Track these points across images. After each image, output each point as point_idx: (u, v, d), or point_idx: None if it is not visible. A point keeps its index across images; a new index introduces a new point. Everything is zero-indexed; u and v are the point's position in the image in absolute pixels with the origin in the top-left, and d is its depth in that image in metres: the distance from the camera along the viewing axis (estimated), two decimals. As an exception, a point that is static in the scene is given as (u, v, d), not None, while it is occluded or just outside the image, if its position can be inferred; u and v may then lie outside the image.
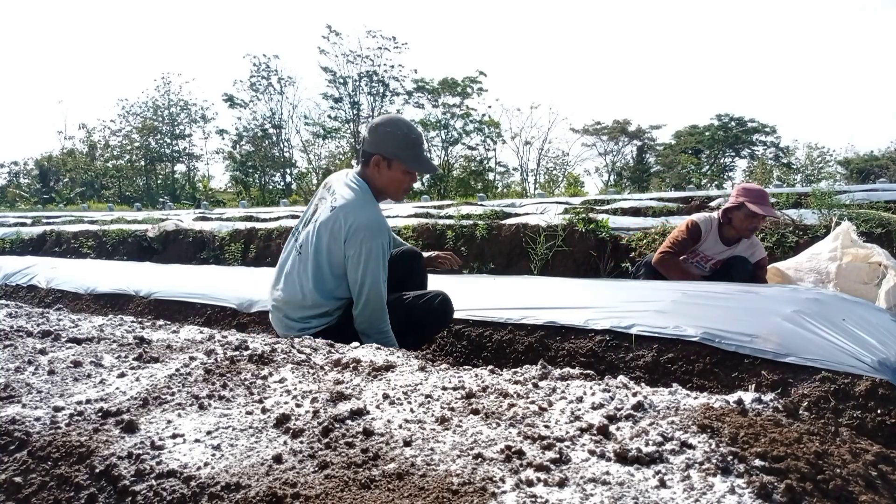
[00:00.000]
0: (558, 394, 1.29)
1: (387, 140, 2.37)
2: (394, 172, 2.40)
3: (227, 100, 39.71)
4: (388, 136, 2.37)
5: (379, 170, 2.40)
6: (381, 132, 2.38)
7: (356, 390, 1.39)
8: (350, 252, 2.26)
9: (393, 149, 2.37)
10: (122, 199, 36.49)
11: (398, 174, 2.41)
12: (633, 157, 42.88)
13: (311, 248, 2.34)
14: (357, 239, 2.25)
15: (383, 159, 2.38)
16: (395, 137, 2.37)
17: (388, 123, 2.41)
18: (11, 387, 1.45)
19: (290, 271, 2.43)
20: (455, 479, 0.94)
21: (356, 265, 2.26)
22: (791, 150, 38.21)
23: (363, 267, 2.25)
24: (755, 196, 3.46)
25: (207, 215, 13.33)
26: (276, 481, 0.96)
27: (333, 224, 2.30)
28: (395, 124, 2.41)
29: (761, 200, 3.45)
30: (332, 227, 2.30)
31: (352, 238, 2.25)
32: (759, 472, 0.89)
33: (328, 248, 2.31)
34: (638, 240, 5.17)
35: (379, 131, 2.38)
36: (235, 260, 7.27)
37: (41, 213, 18.83)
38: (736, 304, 2.40)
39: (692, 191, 15.29)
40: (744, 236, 3.58)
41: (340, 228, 2.27)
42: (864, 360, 1.91)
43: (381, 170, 2.40)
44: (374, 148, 2.38)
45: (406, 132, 2.40)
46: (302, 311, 2.37)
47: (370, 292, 2.27)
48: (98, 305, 4.09)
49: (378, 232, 2.27)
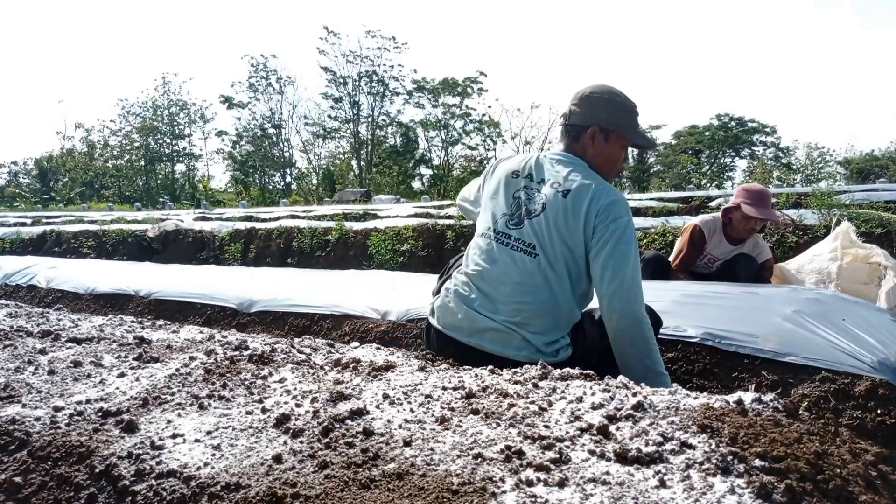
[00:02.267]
0: (558, 394, 1.29)
1: (603, 108, 2.02)
2: (612, 147, 2.03)
3: (225, 101, 39.77)
4: (604, 104, 2.02)
5: (594, 144, 2.02)
6: (594, 100, 2.02)
7: (356, 390, 1.39)
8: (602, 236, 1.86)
9: (611, 117, 2.01)
10: (122, 199, 36.51)
11: (616, 149, 2.04)
12: (632, 157, 42.88)
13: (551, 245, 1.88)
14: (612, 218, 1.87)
15: (600, 131, 2.01)
16: (613, 105, 2.02)
17: (601, 90, 2.05)
18: (11, 387, 1.45)
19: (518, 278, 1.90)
20: (455, 479, 0.94)
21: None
22: (791, 150, 38.26)
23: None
24: (754, 198, 3.44)
25: (207, 215, 13.34)
26: (276, 481, 0.96)
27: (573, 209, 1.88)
28: (610, 91, 2.06)
29: (760, 202, 3.43)
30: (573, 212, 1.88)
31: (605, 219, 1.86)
32: (759, 472, 0.89)
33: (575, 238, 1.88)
34: (638, 240, 5.17)
35: (593, 99, 2.02)
36: (235, 260, 7.27)
37: (41, 213, 18.83)
38: (736, 304, 2.40)
39: (692, 191, 15.30)
40: (743, 237, 3.58)
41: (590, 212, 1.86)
42: (864, 360, 1.90)
43: (596, 144, 2.02)
44: (589, 119, 2.00)
45: (623, 99, 2.05)
46: (555, 331, 1.90)
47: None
48: (98, 305, 4.09)
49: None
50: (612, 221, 1.85)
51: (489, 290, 1.92)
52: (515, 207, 1.98)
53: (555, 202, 1.90)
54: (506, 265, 1.91)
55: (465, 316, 1.91)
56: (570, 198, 1.89)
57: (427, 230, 6.36)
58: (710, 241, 3.60)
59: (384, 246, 6.15)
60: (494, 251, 1.95)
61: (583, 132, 2.02)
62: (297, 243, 7.02)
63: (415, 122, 41.38)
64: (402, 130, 41.47)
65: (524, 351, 1.83)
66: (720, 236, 3.61)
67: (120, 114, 46.87)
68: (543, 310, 1.87)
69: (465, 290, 1.97)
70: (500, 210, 2.01)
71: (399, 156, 40.38)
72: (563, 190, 1.92)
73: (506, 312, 1.88)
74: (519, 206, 1.97)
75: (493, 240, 1.98)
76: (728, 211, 3.56)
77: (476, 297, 1.93)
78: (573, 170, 1.97)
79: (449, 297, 1.99)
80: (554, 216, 1.89)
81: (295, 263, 6.86)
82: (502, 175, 2.07)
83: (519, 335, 1.85)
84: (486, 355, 1.82)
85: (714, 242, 3.61)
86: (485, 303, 1.91)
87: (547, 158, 2.05)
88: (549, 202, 1.91)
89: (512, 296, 1.88)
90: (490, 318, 1.88)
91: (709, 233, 3.58)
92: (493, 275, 1.93)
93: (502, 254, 1.93)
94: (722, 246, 3.62)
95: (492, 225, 2.00)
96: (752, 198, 3.44)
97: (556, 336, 1.89)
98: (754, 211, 3.38)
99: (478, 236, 2.04)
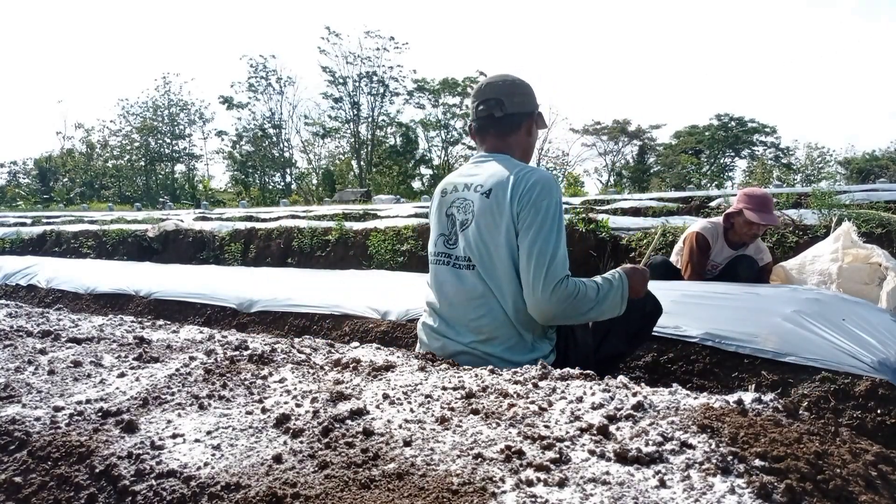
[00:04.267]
0: (558, 394, 1.29)
1: (532, 94, 1.97)
2: (537, 130, 2.02)
3: (224, 102, 39.78)
4: (528, 90, 1.96)
5: (530, 132, 1.98)
6: (524, 88, 1.96)
7: (356, 390, 1.39)
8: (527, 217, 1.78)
9: (536, 101, 1.99)
10: (122, 198, 36.54)
11: (537, 131, 2.03)
12: (633, 157, 42.92)
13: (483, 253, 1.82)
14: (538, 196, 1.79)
15: (536, 116, 1.98)
16: (530, 88, 1.98)
17: (511, 77, 1.97)
18: (11, 387, 1.45)
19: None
20: (455, 479, 0.94)
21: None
22: (791, 150, 38.29)
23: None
24: (756, 203, 3.40)
25: (207, 215, 13.34)
26: (276, 481, 0.96)
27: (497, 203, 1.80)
28: (512, 76, 1.98)
29: (762, 208, 3.39)
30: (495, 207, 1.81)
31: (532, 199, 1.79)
32: (759, 472, 0.89)
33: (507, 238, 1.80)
34: (638, 240, 5.17)
35: (521, 87, 1.95)
36: (235, 260, 7.27)
37: (41, 213, 18.84)
38: (736, 304, 2.40)
39: (692, 191, 15.31)
40: (745, 241, 3.55)
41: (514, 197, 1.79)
42: (864, 360, 1.91)
43: (532, 131, 1.99)
44: (529, 107, 1.95)
45: (523, 80, 1.99)
46: (523, 342, 1.83)
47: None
48: (98, 305, 4.09)
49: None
50: (531, 207, 1.75)
51: (447, 314, 1.89)
52: (450, 225, 1.92)
53: (480, 206, 1.83)
54: (452, 286, 1.86)
55: (439, 344, 1.89)
56: (493, 196, 1.80)
57: (427, 230, 6.35)
58: (714, 247, 3.55)
59: (384, 246, 6.15)
60: (440, 274, 1.91)
61: (522, 122, 1.94)
62: (297, 243, 7.02)
63: (415, 122, 41.44)
64: (402, 130, 41.50)
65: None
66: (722, 242, 3.57)
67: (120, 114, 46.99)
68: (500, 321, 1.79)
69: (430, 320, 1.95)
70: (437, 231, 1.96)
71: (399, 156, 40.40)
72: (485, 190, 1.83)
73: (468, 334, 1.83)
74: (453, 223, 1.91)
75: (437, 263, 1.93)
76: (730, 216, 3.53)
77: (439, 325, 1.90)
78: (492, 165, 1.89)
79: (423, 331, 1.98)
80: (482, 221, 1.81)
81: (295, 263, 6.86)
82: (436, 198, 2.01)
83: (489, 354, 1.80)
84: None
85: (716, 249, 3.57)
86: (448, 329, 1.87)
87: (470, 163, 1.99)
88: (476, 207, 1.84)
89: (467, 315, 1.82)
90: (458, 342, 1.84)
91: (712, 239, 3.53)
92: (446, 298, 1.89)
93: (448, 275, 1.88)
94: (724, 252, 3.58)
95: (433, 248, 1.96)
96: (755, 203, 3.40)
97: (527, 346, 1.80)
98: (757, 217, 3.33)
99: (430, 263, 1.99)
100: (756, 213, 3.35)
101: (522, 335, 1.80)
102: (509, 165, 1.86)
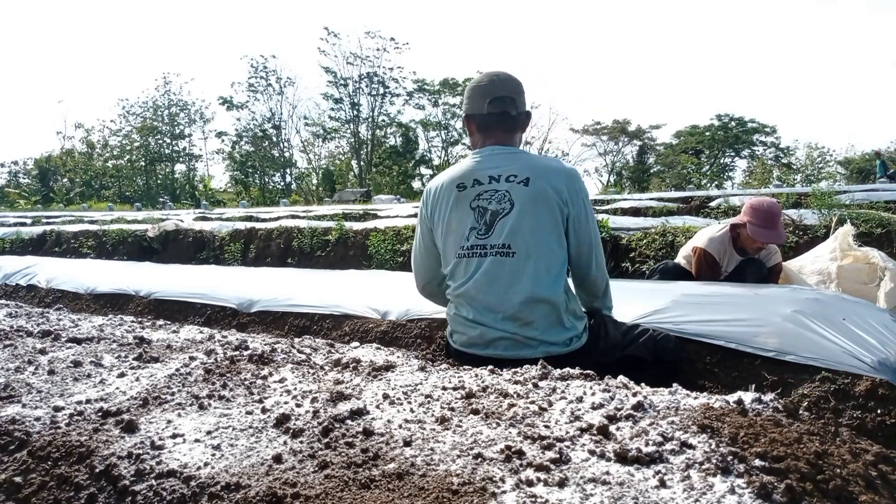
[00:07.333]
0: (558, 394, 1.29)
1: (523, 90, 2.07)
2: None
3: (224, 102, 39.79)
4: (520, 86, 2.06)
5: (524, 130, 2.12)
6: (516, 83, 2.05)
7: (356, 390, 1.39)
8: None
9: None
10: (122, 198, 36.54)
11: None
12: (633, 157, 42.93)
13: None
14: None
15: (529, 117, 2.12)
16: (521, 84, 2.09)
17: (512, 75, 2.08)
18: (11, 387, 1.45)
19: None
20: (455, 479, 0.94)
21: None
22: (791, 150, 38.27)
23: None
24: (761, 219, 3.28)
25: (207, 215, 13.34)
26: (276, 481, 0.96)
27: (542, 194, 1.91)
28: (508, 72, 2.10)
29: (767, 223, 3.26)
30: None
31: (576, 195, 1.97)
32: (759, 472, 0.89)
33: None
34: (638, 240, 5.17)
35: (514, 83, 2.05)
36: (235, 260, 7.27)
37: (41, 213, 18.84)
38: (736, 304, 2.40)
39: (692, 191, 15.31)
40: (750, 253, 3.47)
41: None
42: (864, 360, 1.90)
43: (525, 129, 2.13)
44: (524, 104, 2.06)
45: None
46: (560, 322, 1.94)
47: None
48: (98, 305, 4.09)
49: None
50: (579, 198, 1.96)
51: (484, 302, 1.92)
52: (480, 215, 1.95)
53: (521, 194, 1.91)
54: (490, 274, 1.90)
55: (477, 333, 1.93)
56: (532, 184, 1.90)
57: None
58: (722, 261, 3.42)
59: (384, 246, 6.15)
60: (474, 265, 1.93)
61: (527, 120, 2.08)
62: (297, 243, 7.02)
63: (415, 123, 41.45)
64: (401, 131, 41.51)
65: (540, 348, 1.86)
66: (730, 253, 3.45)
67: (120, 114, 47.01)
68: (540, 304, 1.88)
69: (463, 311, 1.97)
70: (465, 226, 1.96)
71: (399, 156, 40.42)
72: (522, 179, 1.91)
73: (508, 320, 1.89)
74: (483, 213, 1.94)
75: (469, 256, 1.95)
76: (736, 226, 3.45)
77: (475, 314, 1.94)
78: (520, 157, 1.99)
79: (457, 322, 2.01)
80: (526, 208, 1.89)
81: (295, 263, 6.86)
82: (448, 195, 2.01)
83: (529, 337, 1.87)
84: (503, 361, 1.82)
85: (725, 261, 3.46)
86: (485, 317, 1.92)
87: (487, 157, 2.01)
88: (515, 196, 1.91)
89: (506, 301, 1.88)
90: (497, 328, 1.89)
91: (718, 255, 3.40)
92: (482, 287, 1.92)
93: (483, 265, 1.92)
94: (733, 260, 3.46)
95: (464, 243, 1.97)
96: (760, 219, 3.28)
97: (563, 326, 1.91)
98: (761, 234, 3.23)
99: (455, 259, 1.99)
100: (760, 230, 3.24)
101: (561, 316, 1.92)
102: (538, 158, 2.01)
